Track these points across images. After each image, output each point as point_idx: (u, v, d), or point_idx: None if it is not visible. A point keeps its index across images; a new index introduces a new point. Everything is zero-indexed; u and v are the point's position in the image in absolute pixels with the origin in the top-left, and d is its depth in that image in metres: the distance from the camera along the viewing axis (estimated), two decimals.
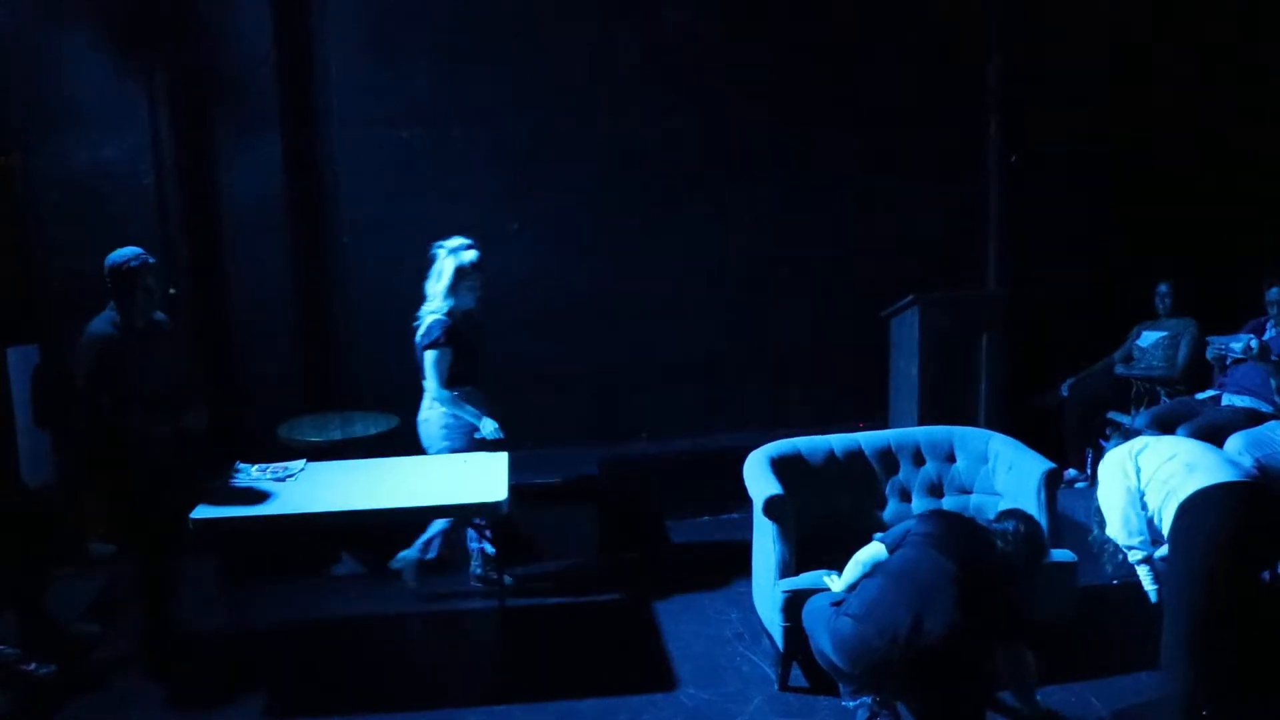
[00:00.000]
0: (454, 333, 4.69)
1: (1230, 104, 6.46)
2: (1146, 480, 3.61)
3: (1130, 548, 3.65)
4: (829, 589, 3.72)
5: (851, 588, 3.57)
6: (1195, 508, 3.43)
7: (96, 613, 4.83)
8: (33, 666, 4.23)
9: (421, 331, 4.73)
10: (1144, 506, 3.62)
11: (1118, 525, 3.66)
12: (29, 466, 5.36)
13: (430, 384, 4.71)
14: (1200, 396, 5.54)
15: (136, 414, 4.15)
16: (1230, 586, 3.41)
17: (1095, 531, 3.82)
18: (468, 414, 4.75)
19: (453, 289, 4.70)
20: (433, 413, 4.79)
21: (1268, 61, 6.41)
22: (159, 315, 4.35)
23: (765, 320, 6.42)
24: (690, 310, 6.28)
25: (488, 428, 4.73)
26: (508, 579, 4.81)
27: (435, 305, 4.73)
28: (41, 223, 5.69)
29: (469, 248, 4.74)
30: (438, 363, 4.68)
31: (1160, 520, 3.56)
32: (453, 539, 5.03)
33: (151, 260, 4.20)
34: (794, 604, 3.86)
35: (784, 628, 3.95)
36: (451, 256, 4.72)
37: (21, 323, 5.55)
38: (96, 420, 4.15)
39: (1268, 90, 6.43)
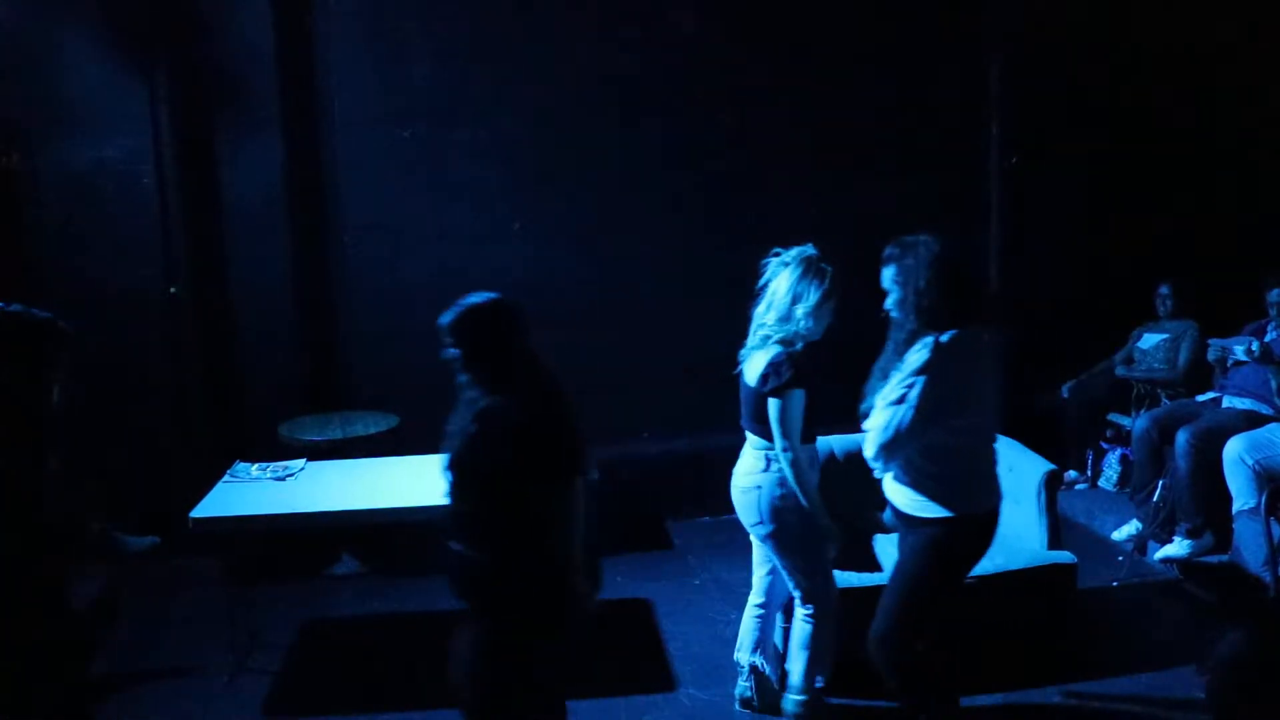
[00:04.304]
0: (806, 369, 3.57)
1: (1231, 104, 6.46)
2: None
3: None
4: None
5: None
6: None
7: (96, 611, 4.82)
8: None
9: (760, 369, 3.59)
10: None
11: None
12: None
13: (776, 441, 3.54)
14: (1201, 399, 5.54)
15: None
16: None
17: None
18: (810, 496, 3.53)
19: (818, 311, 3.64)
20: (767, 478, 3.61)
21: (1268, 61, 6.40)
22: None
23: None
24: (692, 310, 6.27)
25: (829, 534, 3.60)
26: None
27: (784, 332, 3.61)
28: (41, 222, 5.68)
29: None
30: (788, 410, 3.50)
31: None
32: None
33: None
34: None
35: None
36: (810, 271, 3.69)
37: None
38: None
39: (1268, 90, 6.43)
